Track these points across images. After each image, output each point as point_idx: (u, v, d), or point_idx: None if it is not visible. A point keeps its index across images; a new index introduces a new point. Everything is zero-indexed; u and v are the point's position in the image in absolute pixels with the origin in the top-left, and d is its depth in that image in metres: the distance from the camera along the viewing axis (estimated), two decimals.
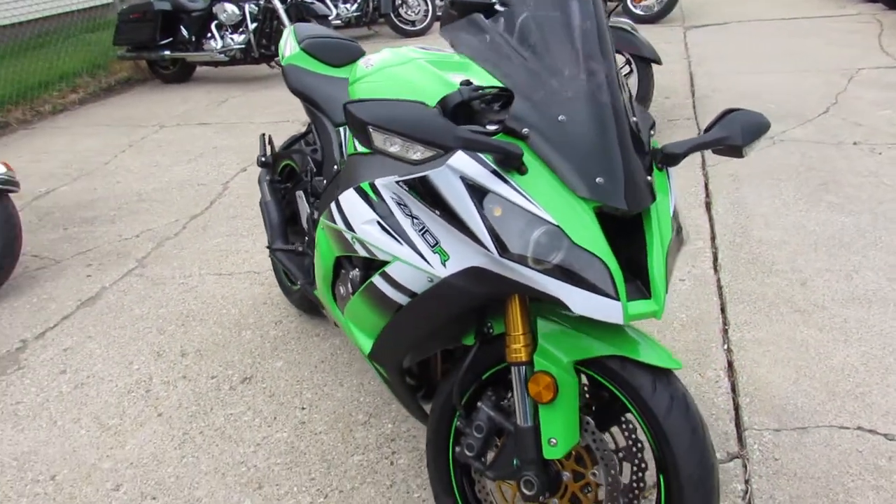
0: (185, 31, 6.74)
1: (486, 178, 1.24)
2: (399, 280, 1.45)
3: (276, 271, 2.85)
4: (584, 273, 1.20)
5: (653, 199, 1.28)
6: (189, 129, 5.45)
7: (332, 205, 1.66)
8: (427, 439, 1.62)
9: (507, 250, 1.21)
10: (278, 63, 2.35)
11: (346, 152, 1.96)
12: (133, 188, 4.30)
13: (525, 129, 1.25)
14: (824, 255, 2.83)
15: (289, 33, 2.44)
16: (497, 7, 1.50)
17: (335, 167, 2.03)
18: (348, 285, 1.72)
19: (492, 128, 1.29)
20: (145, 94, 6.87)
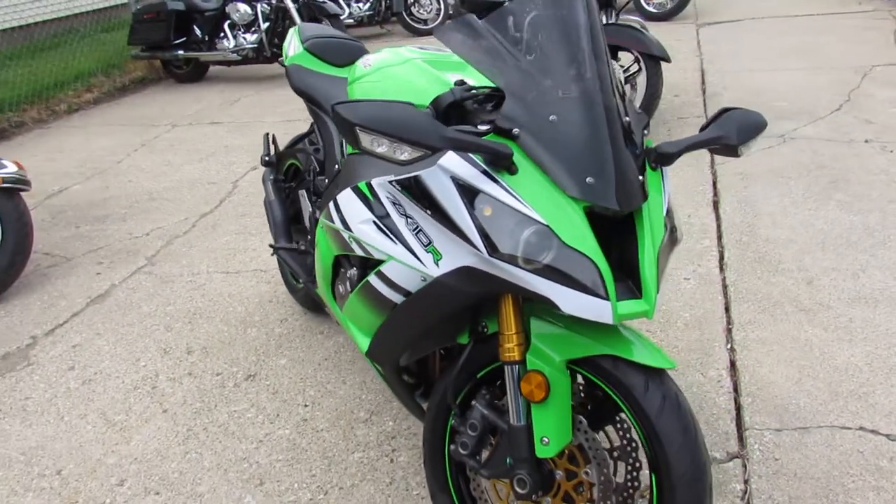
0: (198, 31, 6.80)
1: (476, 178, 1.24)
2: (394, 279, 1.47)
3: (281, 270, 2.88)
4: (574, 273, 1.20)
5: (644, 198, 1.28)
6: (201, 129, 5.50)
7: (331, 204, 1.67)
8: (423, 437, 1.63)
9: (496, 250, 1.22)
10: (282, 63, 2.36)
11: (345, 152, 1.98)
12: (145, 187, 4.34)
13: (515, 129, 1.26)
14: (832, 254, 2.80)
15: (293, 33, 2.45)
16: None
17: (336, 166, 2.05)
18: (347, 284, 1.73)
19: (483, 128, 1.30)
20: (159, 93, 6.93)
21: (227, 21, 6.69)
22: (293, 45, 2.38)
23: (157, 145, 5.18)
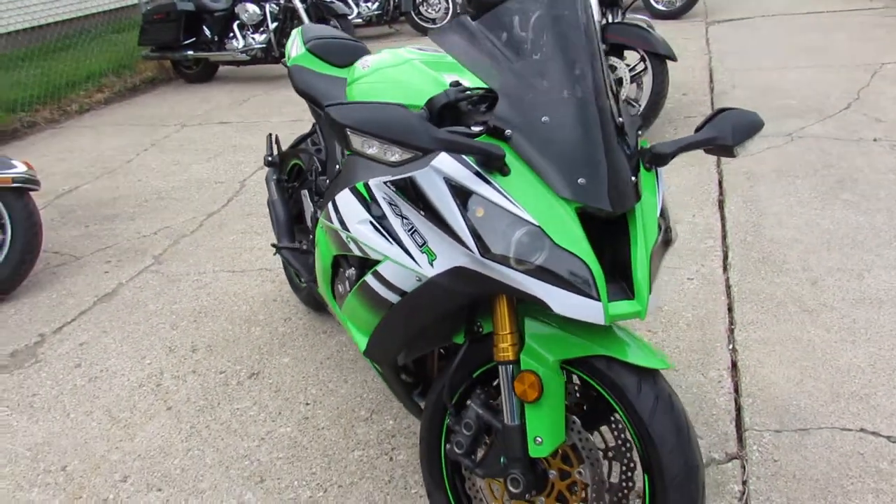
0: (207, 31, 6.85)
1: (468, 179, 1.25)
2: (390, 279, 1.48)
3: (286, 269, 2.90)
4: (565, 273, 1.20)
5: (637, 199, 1.29)
6: (210, 128, 5.53)
7: (330, 204, 1.68)
8: (420, 436, 1.64)
9: (488, 251, 1.23)
10: (285, 64, 2.38)
11: (346, 152, 1.99)
12: (153, 186, 4.38)
13: (508, 131, 1.26)
14: (837, 254, 2.78)
15: (296, 34, 2.47)
16: None
17: (337, 167, 2.06)
18: (346, 283, 1.74)
19: (476, 129, 1.31)
20: (169, 93, 6.98)
21: (237, 21, 6.73)
22: (296, 46, 2.40)
23: (166, 145, 5.22)
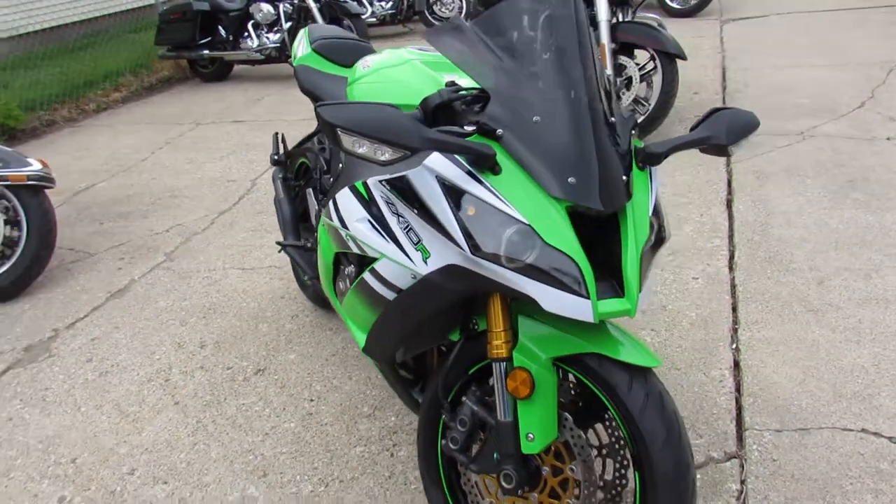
0: (222, 31, 6.91)
1: (460, 178, 1.27)
2: (386, 276, 1.50)
3: (293, 267, 2.93)
4: (555, 271, 1.22)
5: (628, 198, 1.30)
6: (224, 127, 5.59)
7: (330, 203, 1.71)
8: (417, 432, 1.66)
9: (479, 249, 1.24)
10: (291, 63, 2.41)
11: None
12: (167, 184, 4.44)
13: (499, 130, 1.28)
14: (845, 254, 2.77)
15: (303, 34, 2.50)
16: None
17: (340, 165, 2.09)
18: (346, 281, 1.77)
19: (469, 128, 1.32)
20: (185, 92, 7.06)
21: (251, 21, 6.79)
22: (302, 46, 2.43)
23: (180, 143, 5.28)
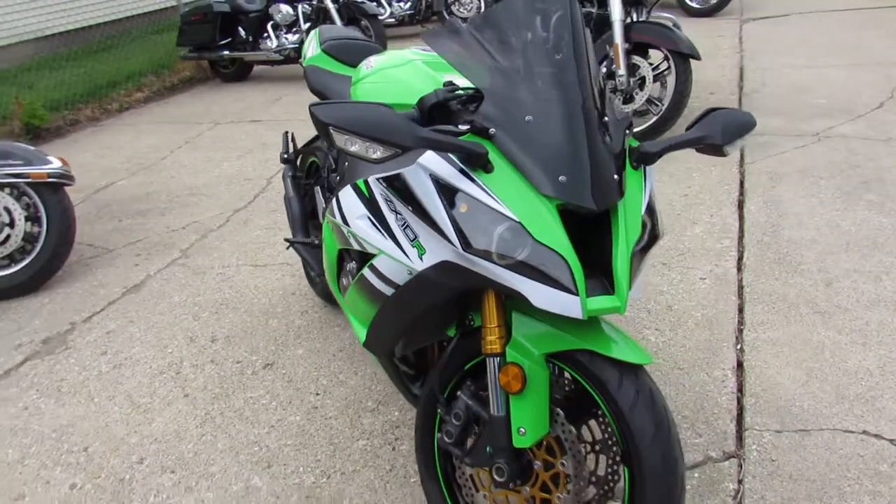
0: (242, 32, 7.00)
1: (453, 176, 1.29)
2: (384, 272, 1.53)
3: (304, 264, 2.97)
4: (544, 268, 1.24)
5: (620, 196, 1.31)
6: (242, 126, 5.67)
7: (333, 200, 1.74)
8: (415, 426, 1.68)
9: (470, 245, 1.27)
10: (301, 64, 2.45)
11: None
12: (185, 182, 4.52)
13: (492, 129, 1.30)
14: (855, 256, 2.74)
15: (313, 35, 2.54)
16: None
17: (346, 164, 2.12)
18: (348, 277, 1.81)
19: (464, 127, 1.35)
20: (205, 92, 7.17)
21: (270, 22, 6.87)
22: (312, 47, 2.47)
23: (199, 142, 5.37)
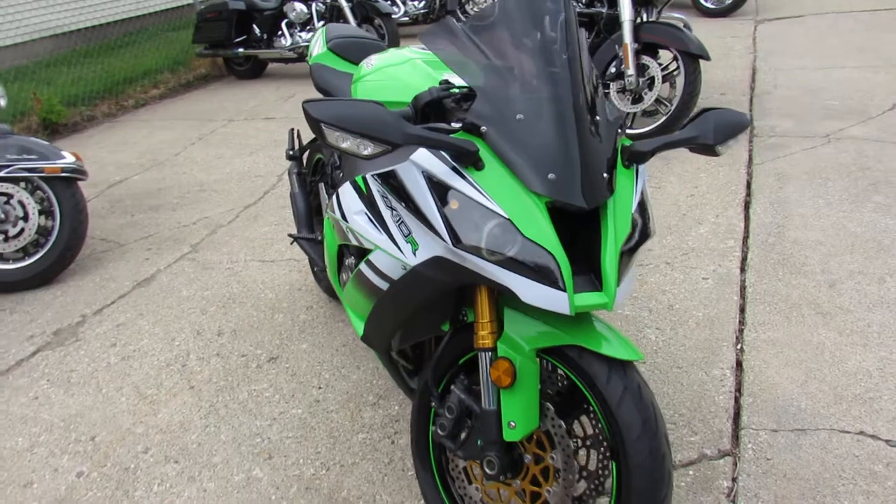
0: (257, 30, 7.07)
1: (444, 173, 1.32)
2: (380, 267, 1.56)
3: (309, 260, 3.01)
4: (533, 265, 1.26)
5: (610, 194, 1.33)
6: (254, 123, 5.73)
7: (334, 197, 1.78)
8: (411, 419, 1.71)
9: (460, 241, 1.29)
10: (308, 62, 2.48)
11: None
12: (197, 178, 4.58)
13: (483, 127, 1.32)
14: (860, 258, 2.73)
15: (320, 34, 2.57)
16: None
17: (347, 161, 2.15)
18: (348, 272, 1.84)
19: (456, 125, 1.37)
20: (220, 89, 7.24)
21: (285, 20, 6.93)
22: (318, 45, 2.50)
23: (212, 139, 5.43)
